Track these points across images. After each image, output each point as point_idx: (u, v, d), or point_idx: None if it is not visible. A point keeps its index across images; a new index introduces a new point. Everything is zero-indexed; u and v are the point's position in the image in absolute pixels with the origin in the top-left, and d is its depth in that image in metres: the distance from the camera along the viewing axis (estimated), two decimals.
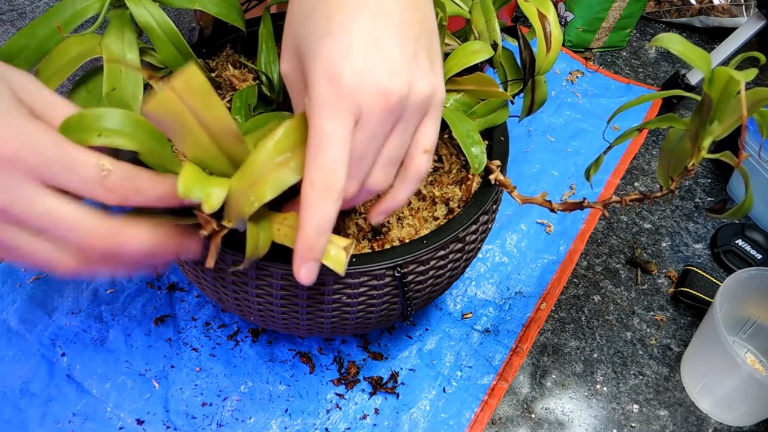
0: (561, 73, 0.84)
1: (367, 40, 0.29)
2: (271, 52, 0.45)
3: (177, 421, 0.48)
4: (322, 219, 0.29)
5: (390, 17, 0.30)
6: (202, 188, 0.29)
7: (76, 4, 0.37)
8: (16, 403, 0.48)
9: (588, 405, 0.53)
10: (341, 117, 0.28)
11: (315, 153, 0.29)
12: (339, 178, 0.29)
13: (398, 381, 0.52)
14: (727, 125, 0.35)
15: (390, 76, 0.29)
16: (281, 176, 0.29)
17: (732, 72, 0.31)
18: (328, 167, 0.29)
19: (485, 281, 0.60)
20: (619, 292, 0.61)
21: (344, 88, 0.28)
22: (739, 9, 0.90)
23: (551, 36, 0.42)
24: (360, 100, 0.28)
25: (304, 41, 0.30)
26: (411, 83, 0.30)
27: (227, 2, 0.41)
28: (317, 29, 0.30)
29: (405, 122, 0.31)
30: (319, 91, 0.28)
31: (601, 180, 0.71)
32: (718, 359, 0.48)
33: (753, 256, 0.63)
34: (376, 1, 0.30)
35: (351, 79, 0.28)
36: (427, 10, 0.33)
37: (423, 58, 0.31)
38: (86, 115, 0.29)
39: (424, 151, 0.33)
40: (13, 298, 0.54)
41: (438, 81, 0.32)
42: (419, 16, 0.31)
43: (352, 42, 0.29)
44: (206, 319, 0.54)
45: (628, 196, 0.40)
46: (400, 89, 0.29)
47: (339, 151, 0.28)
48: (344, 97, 0.28)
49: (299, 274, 0.30)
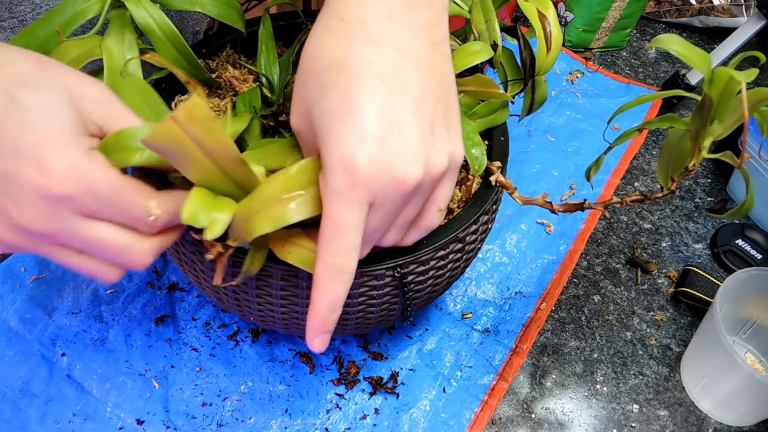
0: (561, 73, 0.84)
1: (384, 123, 0.28)
2: (271, 53, 0.45)
3: (177, 421, 0.48)
4: (334, 298, 0.30)
5: (407, 91, 0.29)
6: (207, 215, 0.30)
7: (76, 5, 0.37)
8: (16, 403, 0.48)
9: (588, 405, 0.53)
10: (356, 207, 0.28)
11: (328, 238, 0.29)
12: (351, 263, 0.30)
13: (398, 381, 0.52)
14: (727, 125, 0.35)
15: (406, 163, 0.28)
16: (283, 212, 0.30)
17: (733, 72, 0.31)
18: (340, 254, 0.29)
19: (485, 281, 0.60)
20: (619, 292, 0.61)
21: (359, 179, 0.28)
22: (739, 9, 0.90)
23: (551, 36, 0.42)
24: (375, 189, 0.28)
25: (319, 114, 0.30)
26: (427, 162, 0.29)
27: (227, 3, 0.41)
28: (332, 105, 0.29)
29: (421, 194, 0.31)
30: (335, 179, 0.28)
31: (601, 180, 0.71)
32: (718, 359, 0.48)
33: (753, 256, 0.63)
34: (392, 74, 0.29)
35: (367, 171, 0.28)
36: (445, 67, 0.32)
37: (440, 128, 0.31)
38: (122, 135, 0.30)
39: (438, 209, 0.33)
40: (13, 298, 0.54)
41: (455, 146, 0.32)
42: (436, 79, 0.31)
43: (368, 127, 0.28)
44: (206, 319, 0.54)
45: (629, 197, 0.40)
46: (416, 175, 0.29)
47: (352, 238, 0.29)
48: (359, 188, 0.28)
49: (312, 344, 0.32)
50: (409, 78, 0.29)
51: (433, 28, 0.31)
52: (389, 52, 0.29)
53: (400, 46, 0.30)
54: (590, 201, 0.41)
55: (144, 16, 0.38)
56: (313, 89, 0.30)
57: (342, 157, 0.28)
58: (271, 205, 0.30)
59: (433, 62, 0.31)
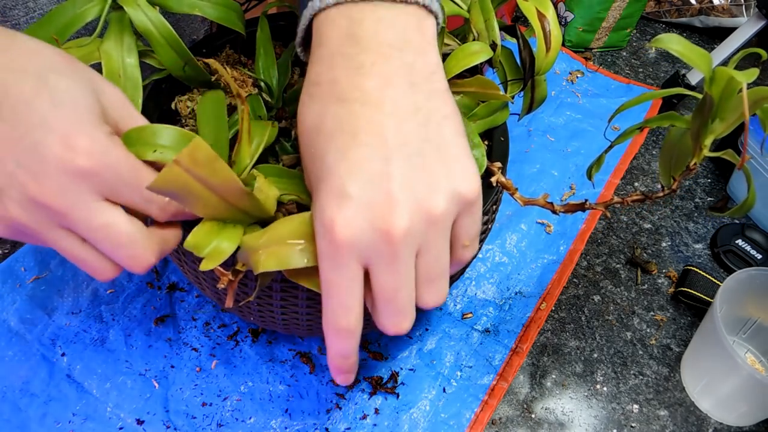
0: (561, 73, 0.84)
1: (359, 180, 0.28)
2: (269, 57, 0.45)
3: (177, 421, 0.48)
4: (343, 350, 0.32)
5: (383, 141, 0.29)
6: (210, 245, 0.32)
7: (75, 8, 0.37)
8: (16, 403, 0.48)
9: (588, 405, 0.53)
10: (341, 267, 0.29)
11: (325, 297, 0.30)
12: (349, 320, 0.30)
13: (398, 381, 0.52)
14: (728, 123, 0.35)
15: (388, 213, 0.28)
16: (288, 255, 0.31)
17: (734, 73, 0.31)
18: (336, 312, 0.30)
19: (485, 281, 0.60)
20: (619, 292, 0.61)
21: (339, 240, 0.28)
22: (739, 9, 0.90)
23: (551, 35, 0.42)
24: (361, 247, 0.28)
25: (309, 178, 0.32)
26: (416, 207, 0.29)
27: (226, 5, 0.41)
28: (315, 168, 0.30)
29: (427, 239, 0.30)
30: (320, 242, 0.29)
31: (602, 180, 0.71)
32: (718, 359, 0.48)
33: (753, 256, 0.63)
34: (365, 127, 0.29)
35: (345, 231, 0.28)
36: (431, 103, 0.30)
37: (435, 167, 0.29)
38: (144, 130, 0.31)
39: (463, 246, 0.32)
40: (13, 298, 0.54)
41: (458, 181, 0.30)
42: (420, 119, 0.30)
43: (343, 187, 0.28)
44: (206, 319, 0.54)
45: (630, 197, 0.40)
46: (401, 223, 0.28)
47: (345, 296, 0.30)
48: (341, 249, 0.28)
49: (337, 380, 0.34)
50: (386, 127, 0.29)
51: (412, 68, 0.30)
52: (359, 107, 0.29)
53: (371, 98, 0.29)
54: (591, 201, 0.41)
55: (142, 19, 0.38)
56: (305, 155, 0.32)
57: (322, 220, 0.28)
58: (278, 245, 0.31)
59: (415, 103, 0.30)
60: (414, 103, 0.30)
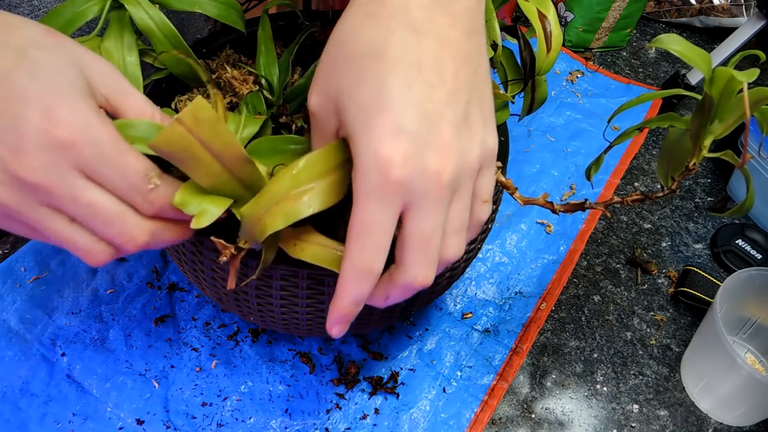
0: (561, 73, 0.84)
1: (419, 117, 0.28)
2: (270, 55, 0.45)
3: (177, 421, 0.48)
4: (359, 295, 0.30)
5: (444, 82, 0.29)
6: (199, 204, 0.30)
7: (76, 6, 0.37)
8: (16, 403, 0.48)
9: (588, 405, 0.53)
10: (388, 207, 0.28)
11: (357, 236, 0.29)
12: (379, 263, 0.29)
13: (398, 381, 0.52)
14: (728, 124, 0.35)
15: (441, 157, 0.28)
16: (296, 207, 0.30)
17: (734, 73, 0.31)
18: (369, 252, 0.29)
19: (485, 281, 0.60)
20: (619, 292, 0.61)
21: (394, 178, 0.27)
22: (739, 9, 0.90)
23: (551, 35, 0.42)
24: (411, 187, 0.28)
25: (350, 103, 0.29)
26: (462, 155, 0.29)
27: (227, 4, 0.41)
28: (368, 97, 0.28)
29: (463, 188, 0.30)
30: (368, 178, 0.28)
31: (601, 180, 0.71)
32: (718, 359, 0.48)
33: (753, 256, 0.63)
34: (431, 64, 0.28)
35: (401, 170, 0.27)
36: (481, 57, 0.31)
37: (475, 120, 0.30)
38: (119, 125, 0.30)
39: (483, 201, 0.32)
40: (13, 298, 0.54)
41: (489, 136, 0.31)
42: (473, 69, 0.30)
43: (403, 122, 0.27)
44: (206, 319, 0.54)
45: (630, 197, 0.40)
46: (451, 169, 0.28)
47: (381, 238, 0.28)
48: (393, 187, 0.27)
49: (332, 330, 0.32)
50: (447, 69, 0.29)
51: (473, 16, 0.31)
52: (430, 41, 0.29)
53: (441, 35, 0.29)
54: (591, 201, 0.41)
55: (143, 17, 0.38)
56: (347, 76, 0.29)
57: (376, 155, 0.27)
58: (281, 202, 0.30)
59: (470, 52, 0.30)
60: (470, 52, 0.30)
